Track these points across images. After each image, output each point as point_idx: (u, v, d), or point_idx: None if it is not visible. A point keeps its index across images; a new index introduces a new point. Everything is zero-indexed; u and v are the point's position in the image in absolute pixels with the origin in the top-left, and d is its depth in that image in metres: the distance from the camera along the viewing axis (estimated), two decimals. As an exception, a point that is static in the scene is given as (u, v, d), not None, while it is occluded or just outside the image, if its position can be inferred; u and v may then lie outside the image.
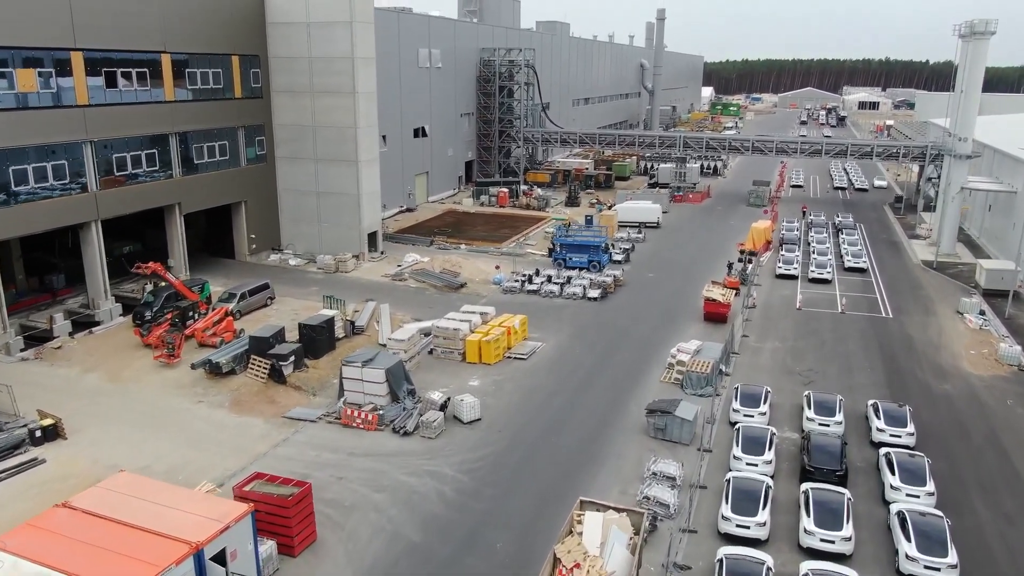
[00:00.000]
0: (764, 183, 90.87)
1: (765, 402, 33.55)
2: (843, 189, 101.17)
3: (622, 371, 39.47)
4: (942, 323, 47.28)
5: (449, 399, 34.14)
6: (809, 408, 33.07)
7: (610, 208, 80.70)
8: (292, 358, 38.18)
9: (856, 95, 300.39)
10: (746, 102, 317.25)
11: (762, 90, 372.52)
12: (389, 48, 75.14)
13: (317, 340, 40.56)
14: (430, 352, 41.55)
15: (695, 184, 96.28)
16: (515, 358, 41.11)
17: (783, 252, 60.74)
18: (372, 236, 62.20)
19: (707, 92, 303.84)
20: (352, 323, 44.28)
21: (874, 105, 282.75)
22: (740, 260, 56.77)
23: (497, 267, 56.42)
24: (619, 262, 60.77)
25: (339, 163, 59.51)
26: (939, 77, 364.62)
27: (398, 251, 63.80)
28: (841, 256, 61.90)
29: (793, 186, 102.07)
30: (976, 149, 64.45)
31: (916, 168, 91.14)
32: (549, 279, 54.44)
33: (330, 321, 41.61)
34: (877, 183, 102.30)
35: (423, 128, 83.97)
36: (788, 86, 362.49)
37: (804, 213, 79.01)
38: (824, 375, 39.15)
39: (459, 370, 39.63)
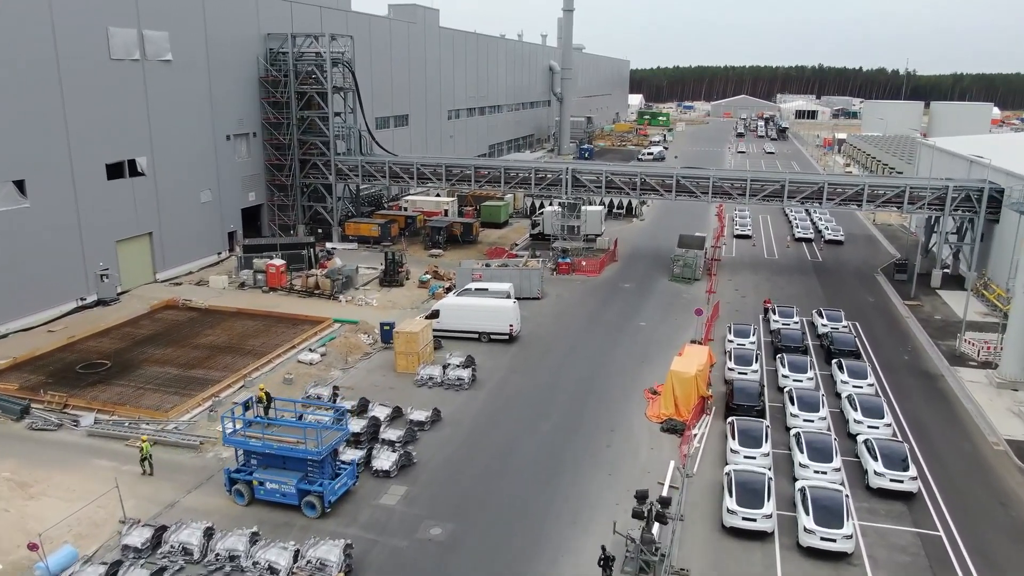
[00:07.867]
0: (696, 241, 58.55)
1: None
2: (808, 241, 70.02)
3: None
4: None
5: None
6: None
7: (446, 290, 47.54)
8: None
9: (793, 103, 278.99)
10: (677, 111, 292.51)
11: (694, 98, 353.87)
12: (27, 26, 40.77)
13: None
14: None
15: (596, 238, 64.29)
16: None
17: (735, 443, 28.18)
18: None
19: (635, 100, 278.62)
20: None
21: (812, 114, 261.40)
22: (640, 509, 23.22)
23: (34, 546, 22.25)
24: (385, 474, 27.69)
25: None
26: (872, 84, 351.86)
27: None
28: (852, 434, 30.20)
29: (738, 236, 70.64)
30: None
31: (912, 215, 60.39)
32: (157, 582, 21.03)
33: None
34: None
35: (132, 162, 49.74)
36: (721, 94, 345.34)
37: (767, 311, 46.82)
38: None
39: None
